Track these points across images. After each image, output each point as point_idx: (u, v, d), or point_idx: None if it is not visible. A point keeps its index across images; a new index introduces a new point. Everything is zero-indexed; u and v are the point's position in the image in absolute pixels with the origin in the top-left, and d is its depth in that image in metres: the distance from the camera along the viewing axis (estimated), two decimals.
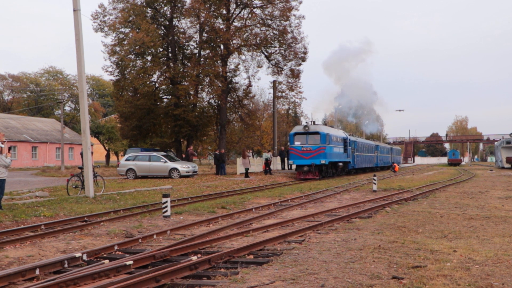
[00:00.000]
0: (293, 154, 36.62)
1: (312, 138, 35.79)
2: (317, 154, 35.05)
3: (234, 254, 9.05)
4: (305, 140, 35.93)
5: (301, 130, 36.88)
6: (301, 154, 35.66)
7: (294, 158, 36.56)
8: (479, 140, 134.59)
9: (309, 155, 35.21)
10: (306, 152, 35.42)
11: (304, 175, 35.40)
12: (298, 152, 35.94)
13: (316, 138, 35.70)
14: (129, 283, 6.77)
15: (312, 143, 35.52)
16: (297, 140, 36.29)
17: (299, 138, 36.36)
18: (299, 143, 36.06)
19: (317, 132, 35.99)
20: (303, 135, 36.26)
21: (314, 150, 35.26)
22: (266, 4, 43.65)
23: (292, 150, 36.83)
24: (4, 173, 16.12)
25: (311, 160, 35.00)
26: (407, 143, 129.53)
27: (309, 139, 35.82)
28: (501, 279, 7.18)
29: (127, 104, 43.64)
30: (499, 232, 11.64)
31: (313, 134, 35.89)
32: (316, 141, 35.54)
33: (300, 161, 35.87)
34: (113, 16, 43.33)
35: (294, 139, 36.71)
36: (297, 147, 36.14)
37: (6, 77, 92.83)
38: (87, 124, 22.03)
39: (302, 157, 35.57)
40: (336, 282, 6.89)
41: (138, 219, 14.57)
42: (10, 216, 14.51)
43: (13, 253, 9.82)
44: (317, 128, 36.69)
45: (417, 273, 7.46)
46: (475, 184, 31.16)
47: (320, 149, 35.22)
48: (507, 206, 17.83)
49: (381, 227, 12.27)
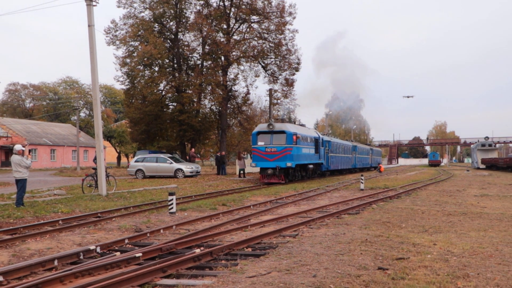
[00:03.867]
0: (256, 156, 29.51)
1: (277, 138, 29.05)
2: (282, 156, 28.63)
3: (234, 247, 9.04)
4: (270, 140, 29.15)
5: (265, 129, 29.65)
6: (265, 155, 28.92)
7: (257, 160, 29.42)
8: (457, 143, 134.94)
9: (273, 157, 28.73)
10: (270, 153, 28.83)
11: (268, 179, 28.97)
12: (262, 153, 29.06)
13: (282, 137, 29.01)
14: (138, 273, 6.77)
15: (277, 144, 28.85)
16: (261, 140, 29.35)
17: (262, 138, 29.40)
18: (263, 143, 29.17)
19: (283, 131, 29.14)
20: (267, 134, 29.35)
21: (279, 151, 28.68)
22: (263, 19, 43.73)
23: (255, 151, 29.62)
24: (26, 173, 16.14)
25: (275, 162, 28.53)
26: (392, 145, 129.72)
27: (274, 139, 29.06)
28: (477, 269, 7.20)
29: (137, 111, 43.70)
30: (475, 227, 11.66)
31: (278, 134, 29.10)
32: (281, 141, 28.91)
33: (263, 164, 29.01)
34: (124, 31, 43.45)
35: (257, 138, 29.63)
36: (261, 147, 29.13)
37: (28, 86, 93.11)
38: (100, 129, 22.04)
39: (266, 159, 28.88)
40: (327, 273, 6.89)
41: (146, 215, 14.57)
42: (31, 212, 14.53)
43: (34, 246, 9.82)
44: (283, 127, 29.66)
45: (401, 265, 7.47)
46: (453, 183, 31.18)
47: (286, 150, 28.69)
48: (482, 203, 17.86)
49: (367, 222, 12.27)
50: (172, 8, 43.65)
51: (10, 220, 13.27)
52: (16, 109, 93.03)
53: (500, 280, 6.59)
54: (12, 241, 10.22)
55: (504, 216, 13.85)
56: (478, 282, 6.47)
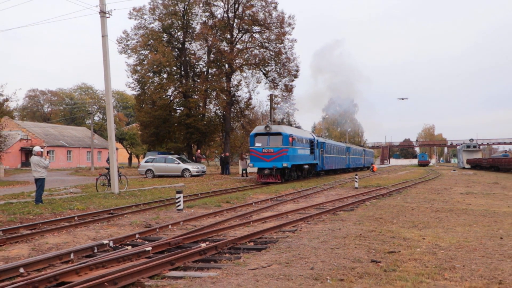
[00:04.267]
0: (254, 156, 28.95)
1: (273, 139, 28.60)
2: (279, 157, 28.16)
3: (237, 241, 9.04)
4: (267, 141, 28.68)
5: (262, 131, 29.20)
6: (262, 156, 28.44)
7: (255, 160, 28.93)
8: (444, 144, 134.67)
9: (270, 158, 28.28)
10: (267, 154, 28.36)
11: (265, 178, 28.48)
12: (259, 154, 28.56)
13: (278, 139, 28.54)
14: (148, 266, 6.78)
15: (274, 145, 28.40)
16: (258, 141, 28.87)
17: (260, 139, 28.91)
18: (260, 145, 28.70)
19: (279, 133, 28.70)
20: (264, 136, 28.86)
21: (275, 152, 28.22)
22: (264, 29, 43.78)
23: (253, 152, 29.05)
24: (44, 173, 16.18)
25: (272, 162, 28.07)
26: (384, 147, 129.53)
27: (271, 140, 28.59)
28: (462, 261, 7.20)
29: (146, 115, 43.78)
30: (461, 222, 11.66)
31: (275, 135, 28.67)
32: (278, 143, 28.44)
33: (261, 164, 28.58)
34: (135, 41, 43.59)
35: (254, 140, 29.12)
36: (258, 148, 28.68)
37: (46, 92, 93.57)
38: (112, 132, 22.07)
39: (263, 160, 28.43)
40: (323, 265, 6.90)
41: (155, 211, 14.58)
42: (49, 209, 14.56)
43: (52, 240, 9.84)
44: (279, 129, 29.32)
45: (392, 257, 7.47)
46: (440, 182, 31.16)
47: (282, 151, 28.25)
48: (467, 200, 17.86)
49: (361, 218, 12.27)
50: (179, 19, 43.77)
51: (30, 216, 13.31)
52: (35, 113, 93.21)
53: (483, 271, 6.60)
54: (31, 236, 10.24)
55: (487, 212, 13.85)
56: (464, 274, 6.47)
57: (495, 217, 12.61)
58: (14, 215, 13.21)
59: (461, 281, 6.12)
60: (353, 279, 6.17)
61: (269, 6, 43.53)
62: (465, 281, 6.11)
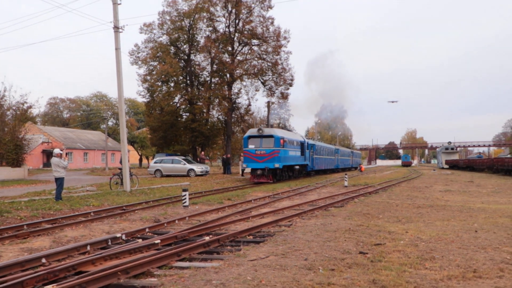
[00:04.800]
0: (247, 158, 28.10)
1: (266, 141, 27.80)
2: (271, 158, 27.31)
3: (238, 235, 9.04)
4: (259, 143, 27.85)
5: (255, 133, 28.36)
6: (255, 157, 27.57)
7: (248, 161, 28.07)
8: (425, 147, 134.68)
9: (262, 159, 27.41)
10: (259, 155, 27.48)
11: (257, 178, 27.48)
12: (252, 155, 27.71)
13: (270, 141, 27.74)
14: (157, 257, 6.79)
15: (266, 147, 27.58)
16: (251, 143, 28.03)
17: (253, 141, 28.05)
18: (253, 146, 27.83)
19: (271, 135, 27.93)
20: (257, 138, 28.05)
21: (268, 153, 27.38)
22: (262, 43, 43.88)
23: (246, 154, 28.23)
24: (63, 172, 16.18)
25: (264, 163, 27.24)
26: (371, 149, 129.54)
27: (263, 143, 27.81)
28: (441, 253, 7.22)
29: (155, 120, 43.86)
30: (440, 217, 11.67)
31: (267, 138, 27.89)
32: (270, 145, 27.64)
33: (254, 165, 27.70)
34: (145, 53, 43.69)
35: (248, 142, 28.28)
36: (251, 150, 27.85)
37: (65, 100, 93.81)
38: (124, 135, 22.07)
39: (256, 161, 27.54)
40: (316, 256, 6.91)
41: (163, 208, 14.58)
42: (68, 205, 14.55)
43: (70, 233, 9.85)
44: (271, 132, 28.57)
45: (378, 249, 7.48)
46: (422, 181, 31.18)
47: (274, 153, 27.43)
48: (446, 197, 17.88)
49: (350, 214, 12.27)
50: (185, 33, 43.87)
51: (51, 212, 13.30)
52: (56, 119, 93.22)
53: (460, 261, 6.62)
54: (52, 229, 10.25)
55: (463, 208, 13.87)
56: (442, 263, 6.49)
57: (471, 212, 12.63)
58: (36, 210, 13.21)
59: (440, 270, 6.14)
60: (343, 269, 6.18)
61: (266, 22, 43.68)
62: (444, 270, 6.13)
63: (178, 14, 43.25)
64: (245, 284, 5.33)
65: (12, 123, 35.82)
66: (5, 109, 36.63)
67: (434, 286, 5.34)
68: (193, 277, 5.76)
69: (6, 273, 6.29)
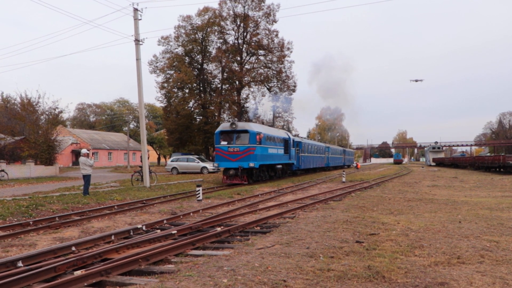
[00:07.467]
0: (219, 156, 22.23)
1: (240, 138, 22.06)
2: (245, 156, 21.69)
3: (246, 226, 9.04)
4: (232, 139, 22.09)
5: (227, 128, 22.22)
6: (227, 155, 21.90)
7: (220, 160, 22.16)
8: (414, 146, 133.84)
9: (236, 157, 21.77)
10: (233, 153, 21.84)
11: (230, 179, 22.13)
12: (224, 153, 21.99)
13: (245, 137, 21.95)
14: (174, 246, 6.81)
15: (240, 143, 21.90)
16: (223, 140, 22.22)
17: (225, 137, 22.23)
18: (226, 143, 22.10)
19: (246, 130, 21.98)
20: (230, 134, 22.16)
21: (242, 151, 21.71)
22: (268, 53, 43.97)
23: (218, 151, 22.36)
24: (90, 170, 16.27)
25: (238, 162, 21.66)
26: (366, 148, 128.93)
27: (237, 139, 22.08)
28: (429, 241, 7.18)
29: (172, 123, 44.06)
30: (428, 209, 11.61)
31: (241, 133, 22.04)
32: (244, 141, 21.90)
33: (226, 164, 22.00)
34: (162, 63, 43.96)
35: (220, 138, 22.29)
36: (223, 147, 22.07)
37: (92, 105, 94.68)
38: (144, 137, 22.18)
39: (229, 159, 21.89)
40: (317, 245, 6.91)
41: (179, 202, 14.61)
42: (94, 200, 14.64)
43: (96, 224, 9.91)
44: (246, 126, 22.30)
45: (373, 238, 7.46)
46: (411, 177, 31.02)
47: (249, 150, 21.68)
48: (433, 192, 17.79)
49: (348, 207, 12.24)
50: (198, 45, 44.05)
51: (79, 205, 13.39)
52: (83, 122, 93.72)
53: (445, 249, 6.59)
54: (80, 221, 10.32)
55: (449, 201, 13.78)
56: (430, 251, 6.47)
57: (455, 205, 12.55)
58: (66, 204, 13.30)
59: (428, 257, 6.12)
60: (341, 256, 6.17)
61: (271, 34, 43.76)
62: (431, 257, 6.10)
63: (192, 28, 43.44)
64: (253, 270, 5.34)
65: (45, 126, 36.18)
66: (39, 114, 37.05)
67: (422, 271, 5.33)
68: (206, 264, 5.78)
69: (41, 259, 6.36)
